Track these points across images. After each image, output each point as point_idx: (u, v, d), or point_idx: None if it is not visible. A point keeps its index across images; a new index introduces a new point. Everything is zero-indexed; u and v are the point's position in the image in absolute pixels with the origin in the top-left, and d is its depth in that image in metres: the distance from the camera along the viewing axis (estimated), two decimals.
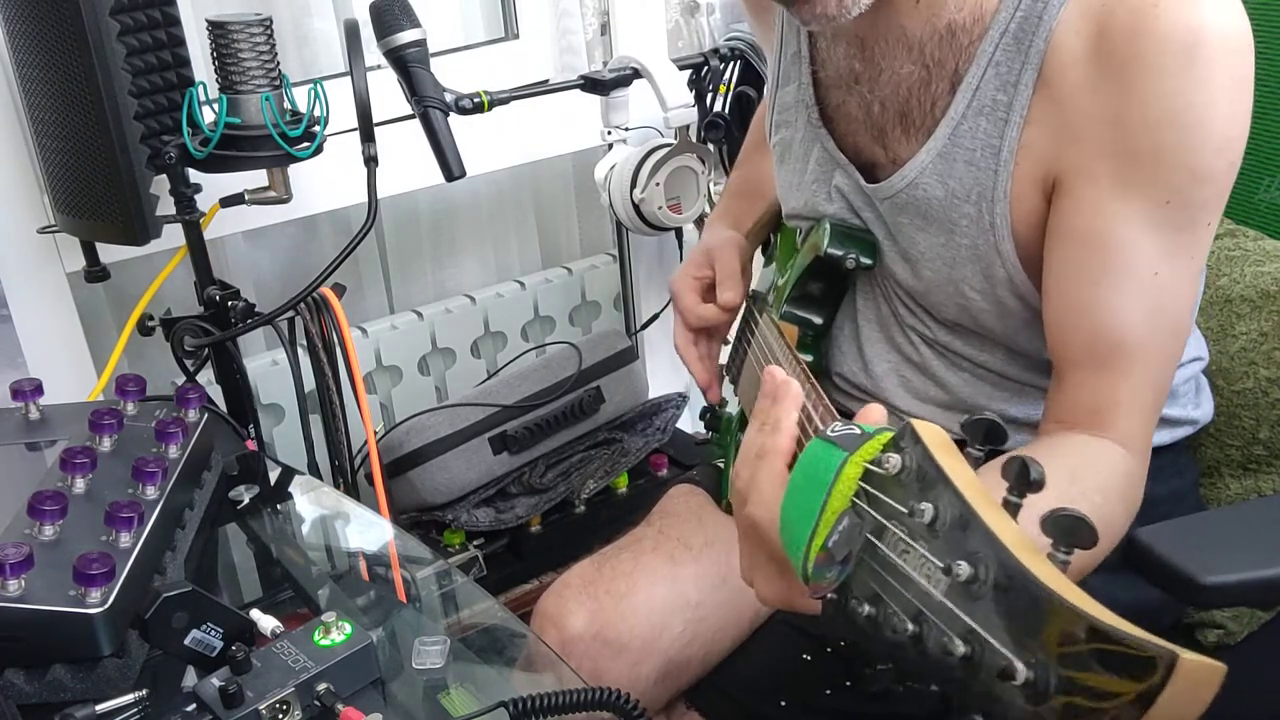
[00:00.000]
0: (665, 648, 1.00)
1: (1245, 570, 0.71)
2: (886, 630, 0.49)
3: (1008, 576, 0.42)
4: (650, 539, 1.09)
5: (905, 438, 0.51)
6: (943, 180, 0.86)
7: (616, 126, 1.65)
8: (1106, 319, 0.81)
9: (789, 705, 0.98)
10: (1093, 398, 0.83)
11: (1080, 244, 0.81)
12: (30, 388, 0.96)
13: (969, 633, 0.43)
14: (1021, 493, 0.46)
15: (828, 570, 0.53)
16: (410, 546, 1.00)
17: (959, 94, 0.84)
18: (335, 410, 1.35)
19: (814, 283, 0.99)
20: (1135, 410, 0.83)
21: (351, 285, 1.58)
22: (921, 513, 0.47)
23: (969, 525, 0.45)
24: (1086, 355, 0.83)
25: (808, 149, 0.99)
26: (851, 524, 0.52)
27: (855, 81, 0.92)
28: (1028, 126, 0.82)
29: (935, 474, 0.48)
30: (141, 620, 0.72)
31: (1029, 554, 0.43)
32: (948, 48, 0.85)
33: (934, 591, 0.46)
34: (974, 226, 0.86)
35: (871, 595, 0.50)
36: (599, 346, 1.74)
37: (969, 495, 0.46)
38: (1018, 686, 0.41)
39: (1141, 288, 0.80)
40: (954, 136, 0.85)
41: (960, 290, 0.89)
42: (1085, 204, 0.80)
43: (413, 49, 1.30)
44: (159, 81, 1.21)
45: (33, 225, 1.39)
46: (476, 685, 0.79)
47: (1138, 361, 0.81)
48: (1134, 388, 0.82)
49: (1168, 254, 0.79)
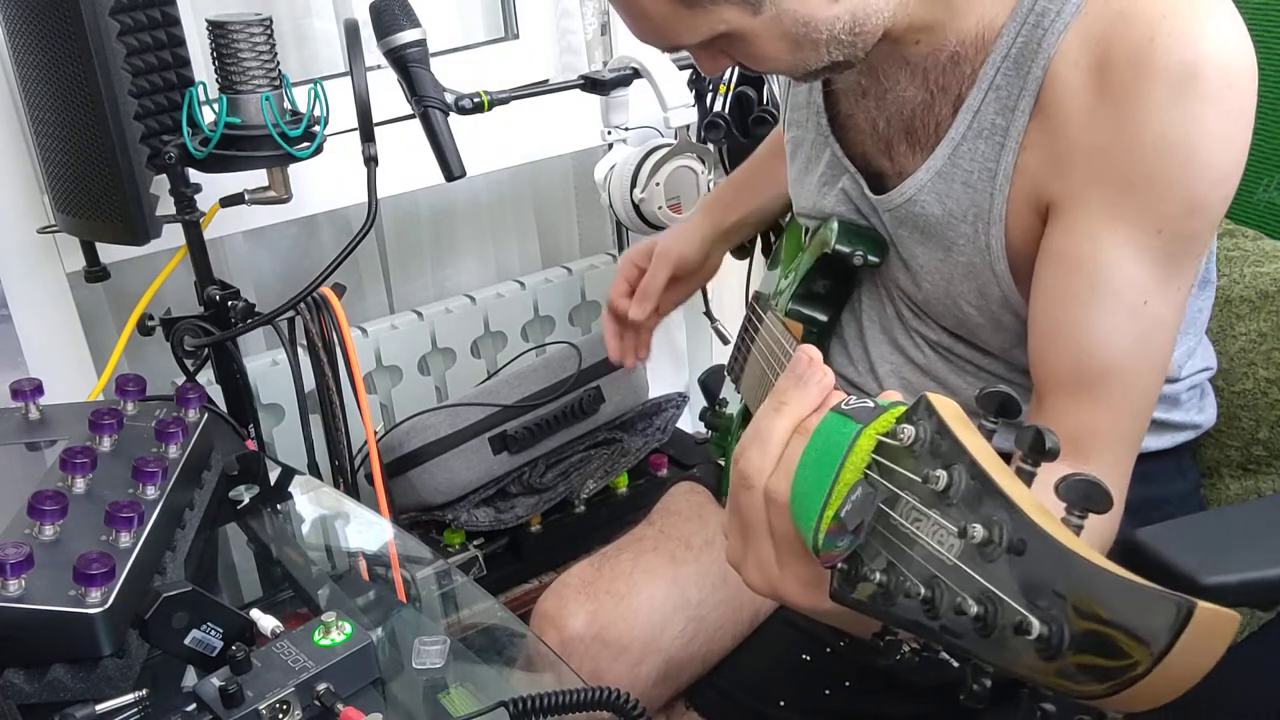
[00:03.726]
0: (665, 647, 1.00)
1: (1245, 570, 0.71)
2: (899, 596, 0.49)
3: (1022, 538, 0.43)
4: (651, 538, 1.09)
5: (920, 410, 0.52)
6: (940, 199, 0.87)
7: (616, 126, 1.65)
8: (1091, 342, 0.80)
9: (788, 705, 0.98)
10: (1073, 424, 0.81)
11: (1069, 267, 0.80)
12: (30, 388, 0.96)
13: (983, 593, 0.44)
14: (1036, 461, 0.47)
15: (839, 540, 0.54)
16: (410, 546, 1.00)
17: (960, 115, 0.84)
18: (335, 410, 1.35)
19: (821, 279, 0.99)
20: (1114, 441, 0.82)
21: (351, 285, 1.58)
22: (935, 479, 0.48)
23: (983, 491, 0.46)
24: (1069, 379, 0.82)
25: (819, 151, 1.00)
26: (864, 494, 0.53)
27: (863, 95, 0.92)
28: (1023, 151, 0.81)
29: (950, 443, 0.49)
30: (141, 620, 0.72)
31: (1044, 516, 0.43)
32: (951, 74, 0.85)
33: (948, 556, 0.46)
34: (970, 246, 0.86)
35: (883, 563, 0.51)
36: (599, 346, 1.73)
37: (984, 462, 0.47)
38: (1032, 641, 0.41)
39: (1130, 315, 0.79)
40: (953, 157, 0.85)
41: (958, 304, 0.89)
42: (1077, 228, 0.79)
43: (413, 49, 1.29)
44: (159, 81, 1.21)
45: (33, 225, 1.39)
46: (476, 685, 0.79)
47: (1120, 389, 0.80)
48: (1114, 416, 0.81)
49: (1158, 284, 0.79)
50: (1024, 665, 0.42)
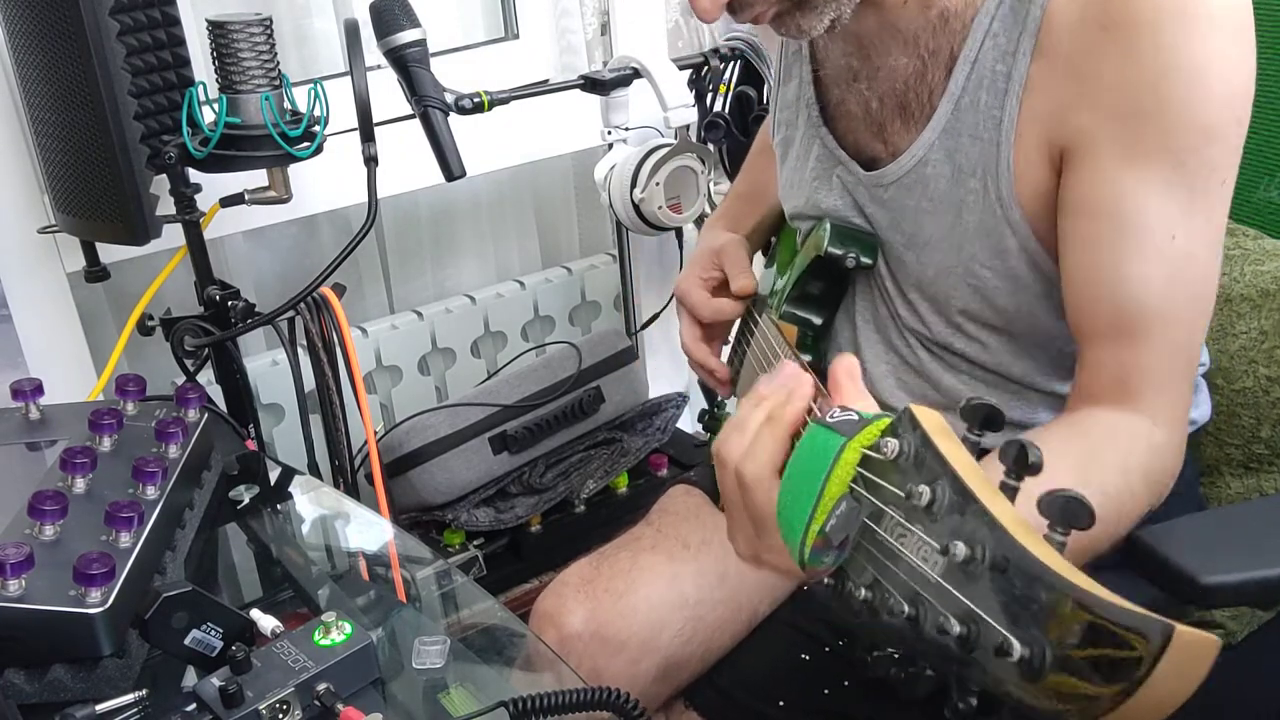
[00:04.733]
0: (664, 646, 1.00)
1: (1245, 570, 0.71)
2: (883, 613, 0.49)
3: (1004, 556, 0.43)
4: (649, 538, 1.09)
5: (903, 423, 0.51)
6: (950, 156, 0.87)
7: (616, 126, 1.65)
8: (1126, 288, 0.80)
9: (788, 705, 0.98)
10: (1117, 370, 0.82)
11: (1094, 216, 0.80)
12: (30, 388, 0.96)
13: (965, 612, 0.44)
14: (1019, 475, 0.47)
15: (825, 555, 0.54)
16: (410, 546, 1.00)
17: (957, 69, 0.84)
18: (335, 410, 1.35)
19: (814, 282, 0.99)
20: (1161, 380, 0.82)
21: (351, 285, 1.58)
22: (919, 495, 0.48)
23: (966, 507, 0.45)
24: (1108, 327, 0.82)
25: (808, 146, 1.00)
26: (849, 509, 0.53)
27: (853, 79, 0.92)
28: (1027, 95, 0.82)
29: (933, 458, 0.48)
30: (141, 620, 0.72)
31: (1025, 534, 0.43)
32: (942, 35, 0.85)
33: (931, 573, 0.46)
34: (980, 202, 0.86)
35: (868, 579, 0.51)
36: (599, 346, 1.74)
37: (966, 478, 0.46)
38: (1014, 663, 0.41)
39: (1159, 253, 0.79)
40: (956, 112, 0.85)
41: (971, 270, 0.89)
42: (1096, 174, 0.80)
43: (413, 49, 1.30)
44: (159, 81, 1.21)
45: (33, 225, 1.39)
46: (476, 685, 0.79)
47: (1160, 329, 0.81)
48: (1158, 357, 0.81)
49: (1183, 216, 0.79)
50: (1006, 685, 0.42)
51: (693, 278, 1.13)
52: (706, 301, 1.09)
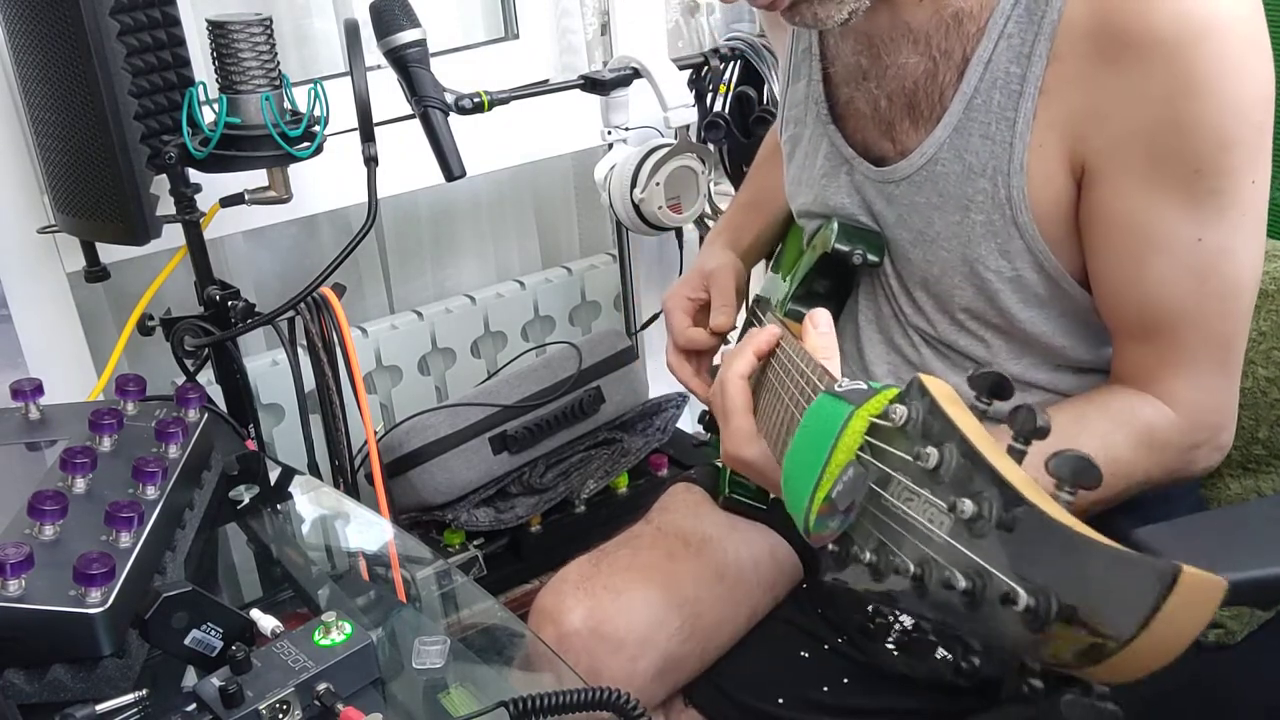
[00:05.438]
0: (663, 643, 1.00)
1: (1245, 570, 0.71)
2: (889, 574, 0.49)
3: (1011, 512, 0.43)
4: (648, 536, 1.09)
5: (912, 391, 0.52)
6: (960, 155, 0.87)
7: (616, 126, 1.65)
8: (1152, 294, 0.83)
9: (787, 702, 0.98)
10: (1141, 362, 0.86)
11: (1120, 230, 0.82)
12: (30, 388, 0.96)
13: (971, 567, 0.44)
14: (1027, 439, 0.47)
15: (830, 520, 0.54)
16: (410, 546, 1.00)
17: (970, 70, 0.85)
18: (335, 410, 1.35)
19: (820, 280, 0.99)
20: (1182, 370, 0.85)
21: (351, 285, 1.58)
22: (926, 458, 0.48)
23: (973, 467, 0.46)
24: (1136, 327, 0.86)
25: (816, 144, 1.00)
26: (856, 475, 0.53)
27: (863, 78, 0.92)
28: (1043, 97, 0.82)
29: (941, 423, 0.49)
30: (141, 620, 0.72)
31: (1032, 490, 0.43)
32: (955, 37, 0.85)
33: (938, 533, 0.46)
34: (989, 201, 0.86)
35: (874, 543, 0.51)
36: (599, 346, 1.74)
37: (974, 439, 0.47)
38: (1019, 612, 0.41)
39: (1184, 258, 0.81)
40: (968, 111, 0.86)
41: (975, 270, 0.89)
42: (1117, 191, 0.81)
43: (413, 49, 1.29)
44: (159, 81, 1.21)
45: (33, 225, 1.39)
46: (476, 685, 0.79)
47: (1187, 328, 0.84)
48: (1183, 351, 0.84)
49: (1209, 219, 0.80)
50: (1010, 638, 0.42)
51: (679, 296, 1.14)
52: (683, 330, 1.12)
